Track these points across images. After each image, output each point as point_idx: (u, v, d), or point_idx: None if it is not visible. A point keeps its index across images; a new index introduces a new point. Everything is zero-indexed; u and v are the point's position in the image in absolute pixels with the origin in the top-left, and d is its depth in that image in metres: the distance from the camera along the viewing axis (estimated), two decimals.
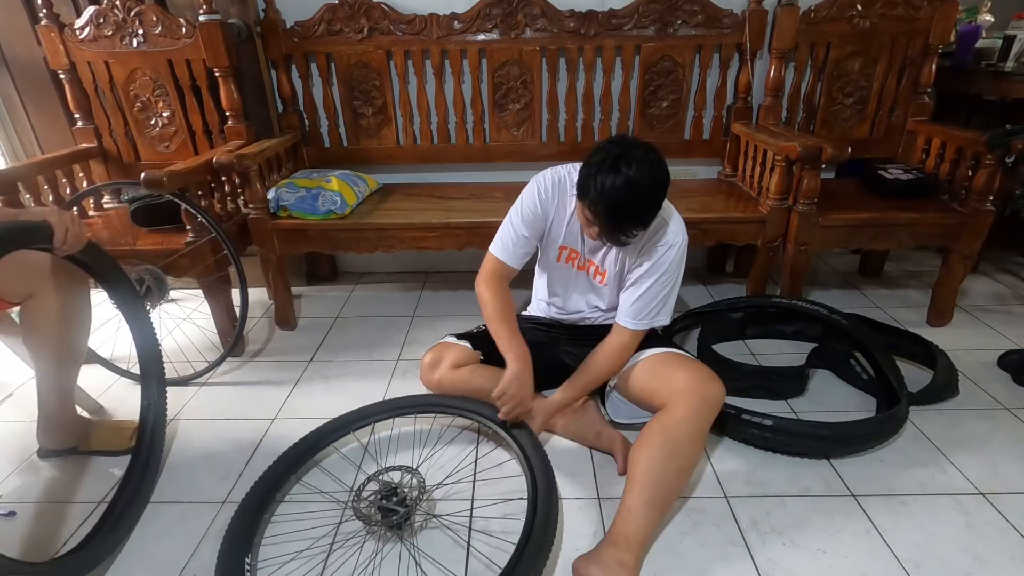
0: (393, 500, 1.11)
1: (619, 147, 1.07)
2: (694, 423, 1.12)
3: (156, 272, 1.56)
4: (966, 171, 1.72)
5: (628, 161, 1.04)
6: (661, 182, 1.08)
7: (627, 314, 1.25)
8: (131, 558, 1.11)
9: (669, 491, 1.09)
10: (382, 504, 1.11)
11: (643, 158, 1.05)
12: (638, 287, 1.24)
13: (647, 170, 1.05)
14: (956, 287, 1.81)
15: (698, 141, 2.05)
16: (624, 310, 1.26)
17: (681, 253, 1.23)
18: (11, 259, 1.05)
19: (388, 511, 1.10)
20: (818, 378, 1.61)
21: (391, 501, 1.11)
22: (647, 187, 1.06)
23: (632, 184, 1.04)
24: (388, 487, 1.14)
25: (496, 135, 2.03)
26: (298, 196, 1.74)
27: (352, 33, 1.89)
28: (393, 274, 2.39)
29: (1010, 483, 1.23)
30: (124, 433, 1.39)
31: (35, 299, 1.19)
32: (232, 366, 1.74)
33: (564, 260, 1.37)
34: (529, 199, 1.30)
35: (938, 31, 1.84)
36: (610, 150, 1.07)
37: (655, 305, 1.24)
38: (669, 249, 1.21)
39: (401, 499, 1.12)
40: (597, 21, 1.87)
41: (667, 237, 1.21)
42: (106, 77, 1.86)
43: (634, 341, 1.27)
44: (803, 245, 1.72)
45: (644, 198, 1.07)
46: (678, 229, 1.22)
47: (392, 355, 1.78)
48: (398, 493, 1.13)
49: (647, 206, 1.09)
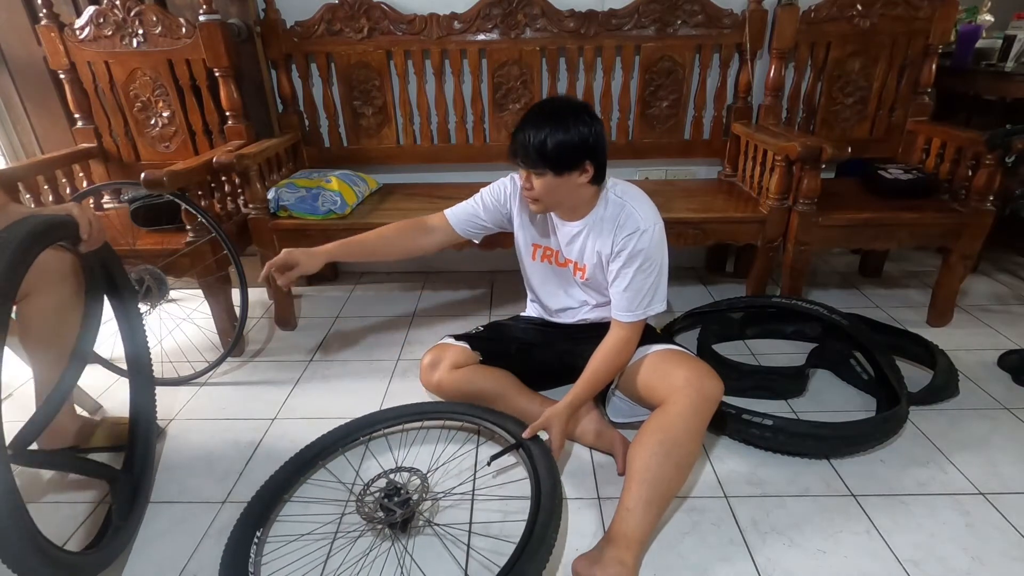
0: (395, 500, 1.11)
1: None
2: (692, 420, 1.12)
3: (156, 272, 1.56)
4: (966, 171, 1.72)
5: (552, 99, 1.22)
6: (575, 116, 1.13)
7: (619, 308, 1.25)
8: (131, 558, 1.11)
9: (667, 489, 1.09)
10: (383, 503, 1.11)
11: (567, 98, 1.21)
12: (622, 279, 1.24)
13: (565, 101, 1.19)
14: (956, 287, 1.81)
15: (698, 141, 2.05)
16: (616, 304, 1.26)
17: (657, 237, 1.22)
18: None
19: (388, 510, 1.10)
20: (818, 378, 1.61)
21: (392, 501, 1.11)
22: (558, 105, 1.17)
23: (543, 104, 1.18)
24: (393, 487, 1.14)
25: (496, 135, 2.03)
26: (298, 196, 1.74)
27: (352, 33, 1.89)
28: (393, 274, 2.39)
29: (1010, 483, 1.23)
30: (123, 430, 1.39)
31: (31, 298, 1.19)
32: (232, 366, 1.74)
33: (540, 259, 1.41)
34: (498, 186, 1.43)
35: (938, 31, 1.84)
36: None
37: (644, 294, 1.23)
38: (642, 235, 1.20)
39: (403, 501, 1.12)
40: (597, 21, 1.87)
41: (637, 224, 1.21)
42: (106, 77, 1.86)
43: (633, 334, 1.26)
44: (803, 245, 1.72)
45: (551, 116, 1.14)
46: (647, 215, 1.23)
47: (392, 355, 1.78)
48: (400, 494, 1.13)
49: (552, 125, 1.13)
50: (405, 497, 1.12)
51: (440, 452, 1.36)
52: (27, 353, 1.26)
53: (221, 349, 1.75)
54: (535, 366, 1.48)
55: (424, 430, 1.43)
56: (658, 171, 2.15)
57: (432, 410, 1.40)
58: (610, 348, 1.27)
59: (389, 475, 1.19)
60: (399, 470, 1.22)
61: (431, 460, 1.33)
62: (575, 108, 1.16)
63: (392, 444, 1.40)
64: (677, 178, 2.16)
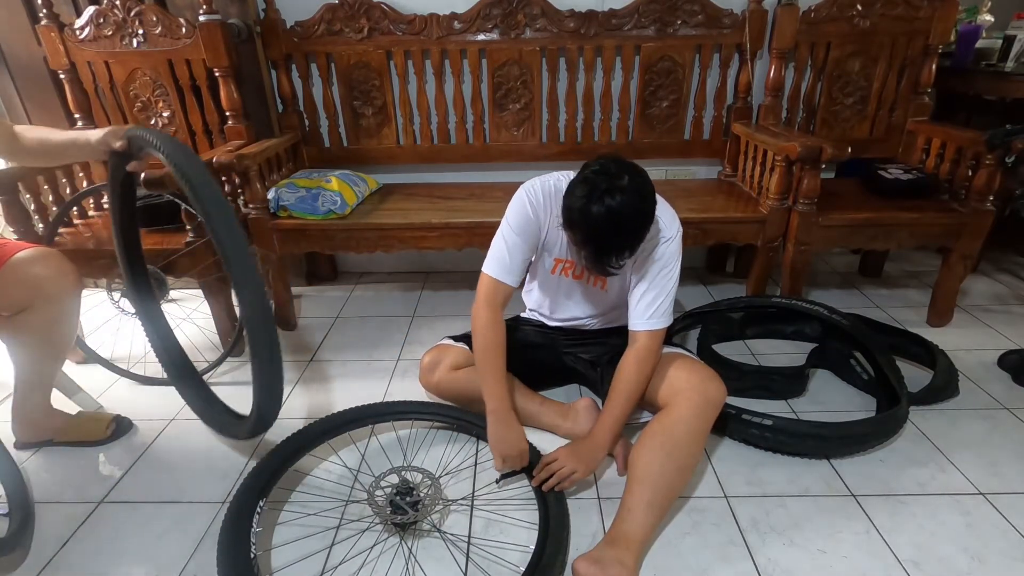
0: (406, 500, 1.12)
1: (604, 179, 1.02)
2: (694, 423, 1.12)
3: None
4: (966, 171, 1.72)
5: (612, 192, 1.00)
6: (647, 212, 1.05)
7: (639, 316, 1.21)
8: (131, 558, 1.11)
9: (669, 491, 1.09)
10: (395, 500, 1.12)
11: (628, 188, 1.01)
12: (642, 287, 1.21)
13: (633, 200, 1.01)
14: (956, 287, 1.81)
15: (698, 141, 2.05)
16: (636, 313, 1.22)
17: (678, 244, 1.21)
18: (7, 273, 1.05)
19: (400, 509, 1.11)
20: (818, 378, 1.61)
21: (404, 500, 1.12)
22: (632, 218, 1.02)
23: (616, 216, 1.00)
24: (406, 486, 1.14)
25: (496, 135, 2.03)
26: (298, 196, 1.74)
27: (352, 33, 1.89)
28: (393, 274, 2.39)
29: (1010, 483, 1.23)
30: (100, 424, 1.41)
31: (27, 313, 1.20)
32: (232, 366, 1.74)
33: (559, 272, 1.34)
34: (519, 209, 1.23)
35: (938, 31, 1.84)
36: (596, 182, 1.02)
37: (663, 300, 1.20)
38: (669, 243, 1.19)
39: (414, 502, 1.12)
40: (597, 21, 1.87)
41: (662, 232, 1.19)
42: (106, 77, 1.86)
43: (655, 343, 1.20)
44: (803, 245, 1.72)
45: (630, 229, 1.03)
46: (670, 222, 1.20)
47: (392, 355, 1.78)
48: (412, 494, 1.13)
49: (633, 236, 1.05)
50: (416, 499, 1.13)
51: (450, 455, 1.35)
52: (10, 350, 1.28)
53: (221, 349, 1.75)
54: (535, 366, 1.48)
55: (434, 430, 1.43)
56: (658, 171, 2.15)
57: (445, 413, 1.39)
58: (631, 363, 1.20)
59: (401, 472, 1.19)
60: (412, 469, 1.22)
61: (439, 462, 1.32)
62: (641, 211, 1.03)
63: (401, 439, 1.40)
64: (677, 178, 2.16)
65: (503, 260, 1.24)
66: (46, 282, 1.19)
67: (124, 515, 1.21)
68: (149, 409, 1.54)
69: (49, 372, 1.35)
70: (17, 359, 1.28)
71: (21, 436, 1.38)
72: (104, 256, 1.62)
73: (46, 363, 1.32)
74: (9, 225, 1.56)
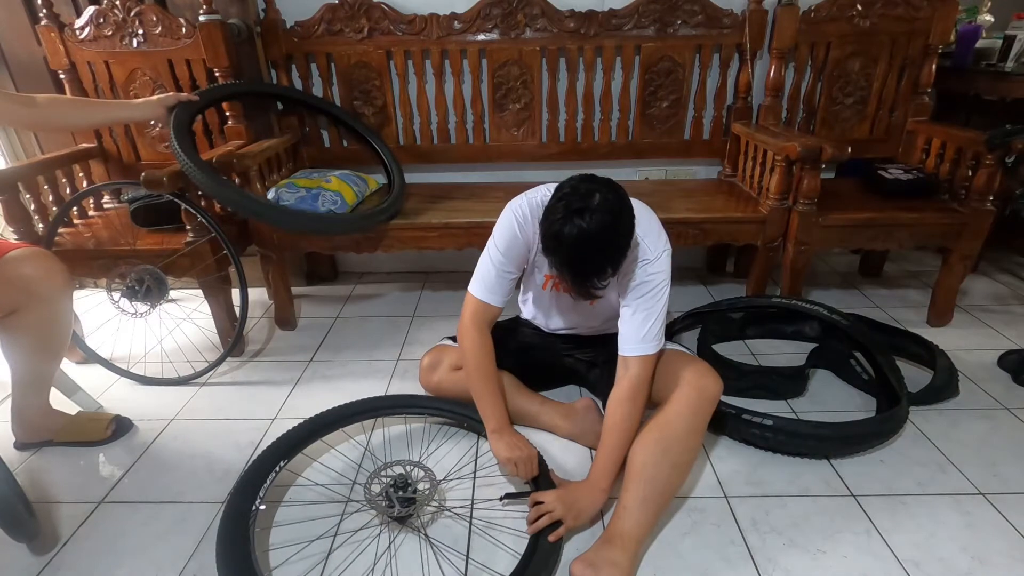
0: (407, 491, 1.13)
1: (576, 199, 0.98)
2: (691, 419, 1.11)
3: (156, 272, 1.57)
4: (966, 171, 1.72)
5: (582, 213, 0.96)
6: (621, 227, 1.00)
7: (629, 340, 1.15)
8: (131, 558, 1.11)
9: (665, 488, 1.09)
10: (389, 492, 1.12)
11: (599, 207, 0.97)
12: (629, 310, 1.16)
13: (605, 218, 0.96)
14: (956, 287, 1.81)
15: (698, 141, 2.05)
16: (625, 338, 1.16)
17: (665, 264, 1.16)
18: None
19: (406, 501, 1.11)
20: (818, 378, 1.61)
21: (405, 492, 1.12)
22: (605, 235, 0.98)
23: (588, 235, 0.96)
24: (403, 480, 1.14)
25: (496, 135, 2.03)
26: (298, 196, 1.74)
27: (352, 33, 1.89)
28: (393, 274, 2.39)
29: (1010, 483, 1.23)
30: (99, 424, 1.41)
31: (19, 313, 1.19)
32: (232, 366, 1.74)
33: (550, 288, 1.32)
34: (507, 229, 1.19)
35: (938, 31, 1.84)
36: (569, 203, 0.98)
37: (652, 323, 1.15)
38: (654, 263, 1.14)
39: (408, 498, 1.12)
40: (597, 21, 1.87)
41: (646, 252, 1.14)
42: (106, 77, 1.86)
43: (647, 372, 1.15)
44: (803, 245, 1.72)
45: (604, 247, 0.99)
46: (655, 241, 1.14)
47: (392, 355, 1.78)
48: (407, 491, 1.13)
49: (609, 254, 1.01)
50: (411, 495, 1.13)
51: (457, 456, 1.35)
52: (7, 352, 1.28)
53: (221, 349, 1.75)
54: (535, 367, 1.48)
55: (439, 426, 1.44)
56: (658, 171, 2.15)
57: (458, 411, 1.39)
58: (622, 397, 1.14)
59: (406, 467, 1.20)
60: (416, 464, 1.22)
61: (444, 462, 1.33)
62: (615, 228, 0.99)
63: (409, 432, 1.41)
64: (677, 178, 2.16)
65: (489, 281, 1.22)
66: (36, 282, 1.19)
67: (124, 515, 1.21)
68: (149, 409, 1.54)
69: (46, 372, 1.35)
70: (13, 360, 1.28)
71: (20, 436, 1.39)
72: (104, 256, 1.63)
73: (42, 364, 1.32)
74: (9, 225, 1.56)
